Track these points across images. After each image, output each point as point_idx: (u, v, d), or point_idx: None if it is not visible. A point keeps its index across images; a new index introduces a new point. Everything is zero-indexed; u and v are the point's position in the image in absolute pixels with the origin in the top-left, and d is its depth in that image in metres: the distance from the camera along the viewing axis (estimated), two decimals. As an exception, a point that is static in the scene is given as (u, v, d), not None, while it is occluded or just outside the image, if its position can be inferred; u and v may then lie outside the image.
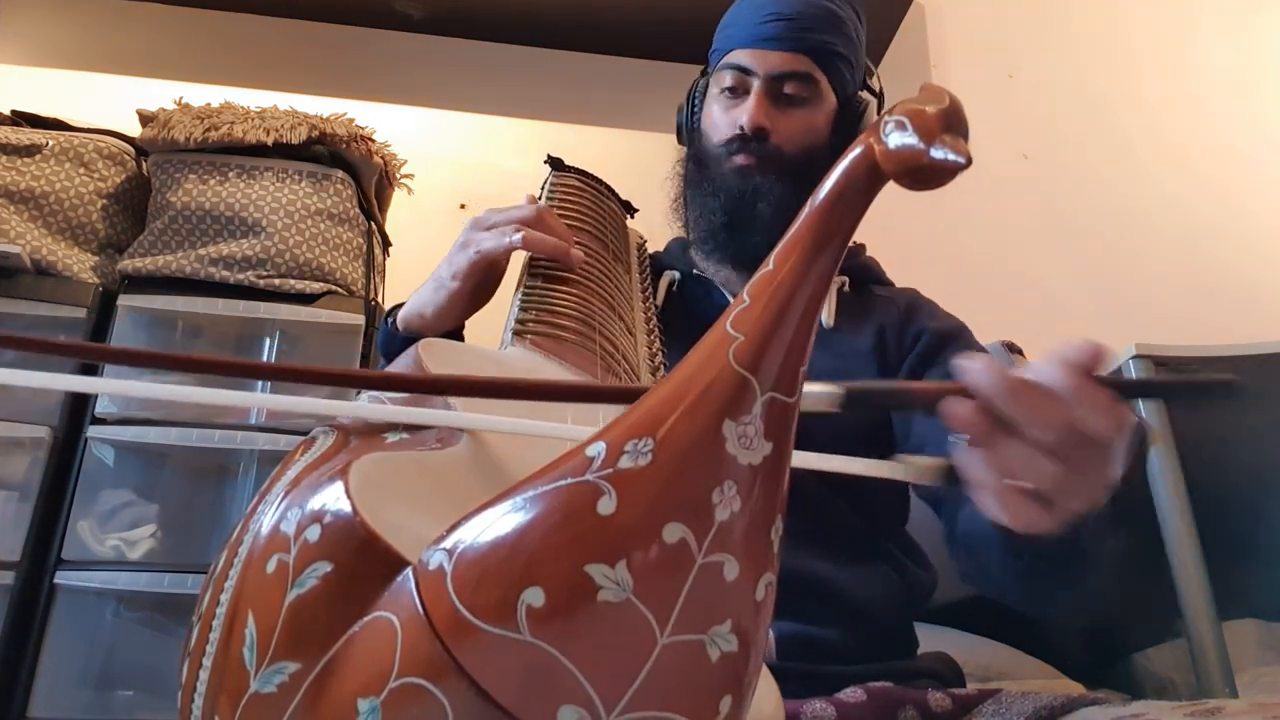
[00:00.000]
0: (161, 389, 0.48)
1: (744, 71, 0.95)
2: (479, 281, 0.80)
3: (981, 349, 0.96)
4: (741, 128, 0.94)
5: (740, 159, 0.94)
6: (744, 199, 0.93)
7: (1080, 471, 0.47)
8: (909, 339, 0.93)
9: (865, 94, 1.01)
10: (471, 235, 0.80)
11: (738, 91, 0.96)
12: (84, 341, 1.36)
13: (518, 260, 0.84)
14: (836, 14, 0.96)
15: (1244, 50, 2.46)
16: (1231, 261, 2.19)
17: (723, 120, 0.96)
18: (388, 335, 0.87)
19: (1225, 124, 2.37)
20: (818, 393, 0.45)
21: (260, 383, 1.33)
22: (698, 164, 0.99)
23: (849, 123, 0.97)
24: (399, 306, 0.88)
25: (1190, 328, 1.82)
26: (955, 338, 0.93)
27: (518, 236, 0.77)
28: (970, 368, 0.47)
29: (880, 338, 0.93)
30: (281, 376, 0.52)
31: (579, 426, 0.49)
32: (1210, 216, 2.25)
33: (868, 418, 0.84)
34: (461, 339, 0.88)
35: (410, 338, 0.83)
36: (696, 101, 1.03)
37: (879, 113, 1.02)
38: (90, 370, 1.38)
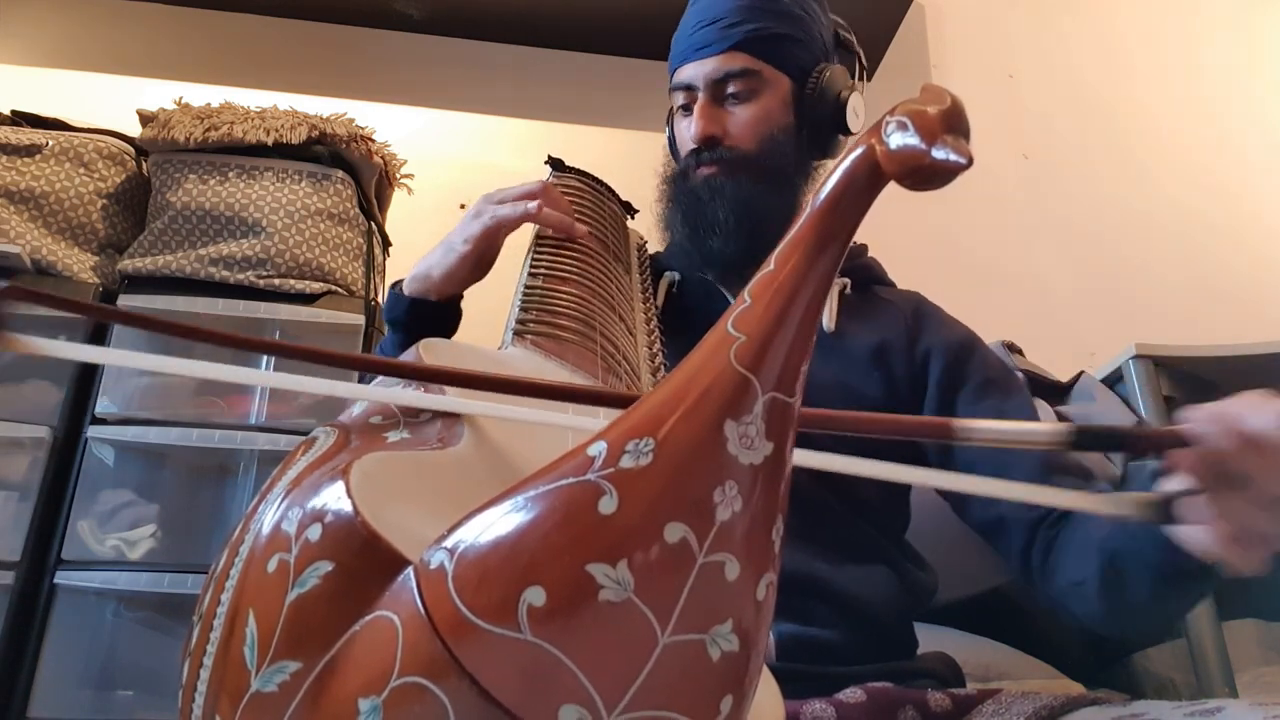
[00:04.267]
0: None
1: (687, 88, 0.98)
2: (486, 248, 0.85)
3: (995, 356, 0.96)
4: (694, 142, 0.96)
5: (704, 170, 0.96)
6: (703, 205, 0.95)
7: None
8: (918, 355, 0.92)
9: (833, 65, 1.00)
10: (484, 205, 0.85)
11: (689, 108, 0.98)
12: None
13: (517, 257, 0.85)
14: None
15: (1244, 50, 2.47)
16: (1231, 261, 2.19)
17: (684, 137, 0.99)
18: (394, 299, 0.91)
19: (1225, 124, 2.37)
20: (1047, 431, 0.46)
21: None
22: (671, 182, 1.01)
23: (812, 95, 0.97)
24: (403, 280, 0.91)
25: (1190, 328, 1.83)
26: (970, 351, 0.94)
27: (532, 205, 0.83)
28: (1199, 419, 0.49)
29: (883, 343, 0.92)
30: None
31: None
32: (1210, 216, 2.25)
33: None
34: (459, 311, 0.91)
35: (415, 300, 0.88)
36: (671, 125, 1.05)
37: (860, 62, 1.03)
38: (89, 372, 1.38)
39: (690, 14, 1.00)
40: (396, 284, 0.92)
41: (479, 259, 0.85)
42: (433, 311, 0.88)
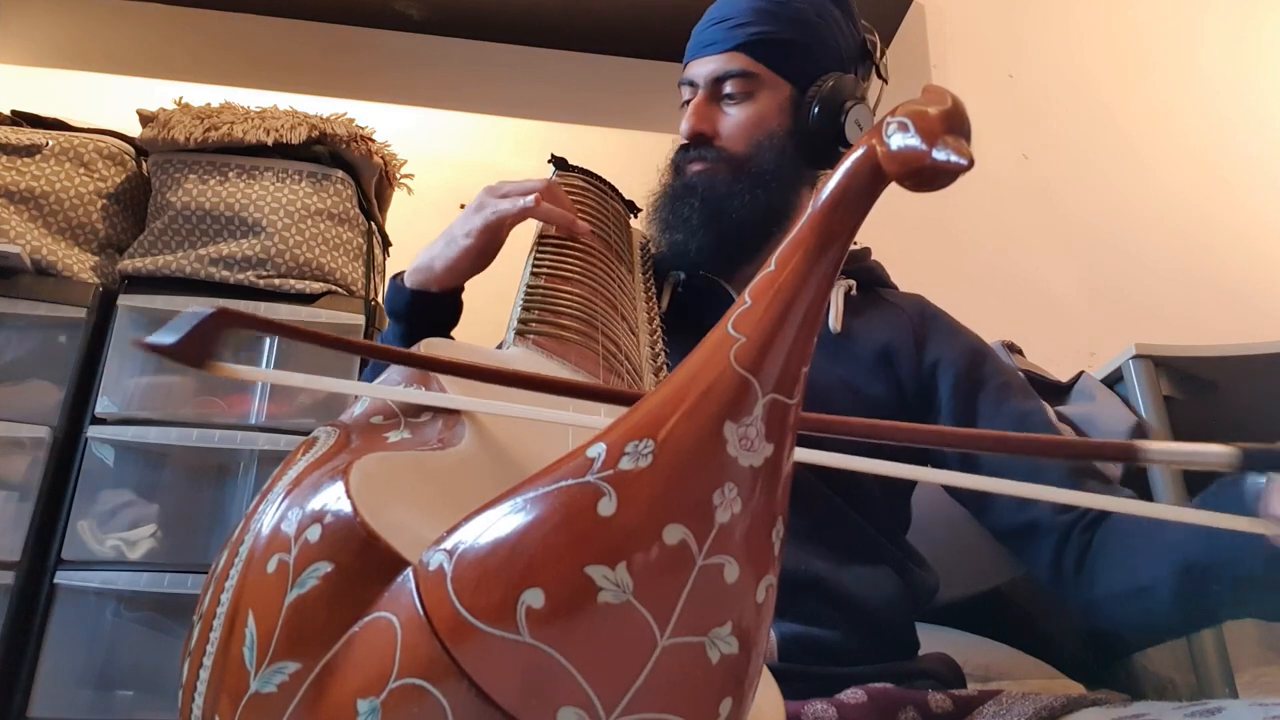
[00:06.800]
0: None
1: (690, 84, 0.98)
2: (488, 241, 0.85)
3: (1004, 360, 0.96)
4: (684, 138, 0.97)
5: (692, 166, 0.96)
6: (675, 201, 0.96)
7: None
8: (926, 362, 0.92)
9: (845, 74, 0.98)
10: (486, 199, 0.86)
11: (689, 104, 0.98)
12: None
13: (520, 256, 0.85)
14: (776, 2, 0.96)
15: (1245, 49, 2.46)
16: (1232, 261, 2.19)
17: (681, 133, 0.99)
18: (395, 290, 0.91)
19: (1226, 123, 2.37)
20: (1214, 453, 0.46)
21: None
22: (662, 177, 1.01)
23: (811, 104, 0.95)
24: (404, 272, 0.91)
25: (1190, 328, 1.83)
26: (983, 357, 0.93)
27: (530, 200, 0.83)
28: None
29: (890, 344, 0.92)
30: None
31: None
32: (1211, 216, 2.25)
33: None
34: (460, 302, 0.91)
35: (417, 292, 0.88)
36: None
37: (879, 73, 1.03)
38: (89, 372, 1.38)
39: (707, 12, 1.01)
40: (398, 275, 0.92)
41: (481, 252, 0.85)
42: (434, 302, 0.88)
